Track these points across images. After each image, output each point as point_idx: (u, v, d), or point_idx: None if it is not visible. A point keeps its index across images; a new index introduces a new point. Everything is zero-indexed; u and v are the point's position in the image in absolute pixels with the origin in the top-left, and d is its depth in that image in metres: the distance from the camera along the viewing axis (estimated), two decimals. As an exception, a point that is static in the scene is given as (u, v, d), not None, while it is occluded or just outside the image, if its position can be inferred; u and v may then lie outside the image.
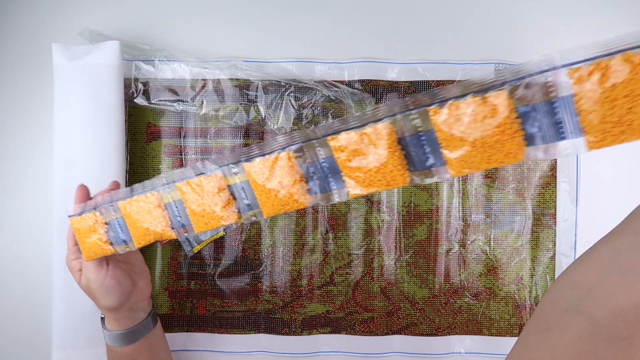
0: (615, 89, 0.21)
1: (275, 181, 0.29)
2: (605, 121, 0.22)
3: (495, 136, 0.24)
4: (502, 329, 0.55)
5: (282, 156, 0.28)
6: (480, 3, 0.55)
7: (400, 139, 0.26)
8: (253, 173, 0.29)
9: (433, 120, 0.25)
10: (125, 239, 0.37)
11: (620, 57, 0.21)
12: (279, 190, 0.29)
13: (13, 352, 0.55)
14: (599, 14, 0.54)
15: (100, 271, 0.40)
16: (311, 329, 0.55)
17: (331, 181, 0.28)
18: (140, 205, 0.35)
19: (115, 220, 0.36)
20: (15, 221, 0.55)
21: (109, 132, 0.50)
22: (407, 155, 0.26)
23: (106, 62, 0.50)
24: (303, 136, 0.28)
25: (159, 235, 0.36)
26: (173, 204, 0.34)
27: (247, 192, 0.30)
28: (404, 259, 0.55)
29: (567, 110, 0.23)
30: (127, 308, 0.43)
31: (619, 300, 0.26)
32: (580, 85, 0.22)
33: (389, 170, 0.27)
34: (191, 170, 0.33)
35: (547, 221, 0.55)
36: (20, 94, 0.55)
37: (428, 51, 0.55)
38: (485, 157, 0.25)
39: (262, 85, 0.54)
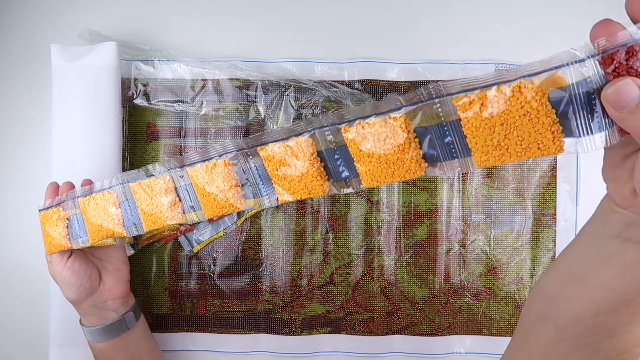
0: (492, 118, 0.24)
1: (214, 185, 0.31)
2: (486, 144, 0.24)
3: (396, 154, 0.26)
4: (502, 329, 0.55)
5: (219, 163, 0.31)
6: (480, 3, 0.55)
7: (319, 152, 0.29)
8: (195, 177, 0.32)
9: (345, 137, 0.27)
10: (81, 234, 0.39)
11: (495, 89, 0.23)
12: (217, 194, 0.31)
13: (10, 351, 0.55)
14: (599, 13, 0.54)
15: (60, 263, 0.42)
16: (311, 329, 0.55)
17: (262, 188, 0.31)
18: (97, 202, 0.37)
19: (74, 216, 0.39)
20: (13, 221, 0.55)
21: (106, 133, 0.50)
22: (325, 167, 0.29)
23: (103, 63, 0.50)
24: (237, 145, 0.31)
25: (111, 233, 0.37)
26: (126, 203, 0.36)
27: (191, 194, 0.33)
28: (404, 259, 0.55)
29: (456, 133, 0.25)
30: (91, 304, 0.44)
31: (577, 309, 0.27)
32: (465, 112, 0.24)
33: (309, 181, 0.29)
34: (143, 172, 0.35)
35: (547, 221, 0.55)
36: (18, 94, 0.55)
37: (428, 51, 0.55)
38: (390, 173, 0.27)
39: (262, 85, 0.54)
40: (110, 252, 0.46)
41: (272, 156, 0.29)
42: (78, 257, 0.43)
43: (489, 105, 0.24)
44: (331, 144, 0.28)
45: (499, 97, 0.23)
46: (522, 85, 0.23)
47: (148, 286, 0.55)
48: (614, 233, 0.26)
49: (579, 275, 0.28)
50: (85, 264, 0.43)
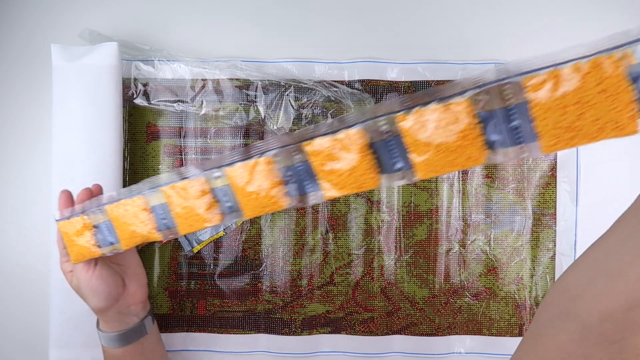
0: (566, 97, 0.23)
1: (255, 185, 0.30)
2: (557, 127, 0.24)
3: (458, 141, 0.26)
4: (502, 329, 0.55)
5: (260, 161, 0.30)
6: (480, 3, 0.55)
7: (370, 143, 0.28)
8: (234, 177, 0.31)
9: (400, 127, 0.26)
10: (112, 241, 0.38)
11: (570, 67, 0.23)
12: (259, 193, 0.31)
13: (10, 352, 0.55)
14: (599, 13, 0.54)
15: (87, 272, 0.41)
16: (311, 329, 0.55)
17: (307, 184, 0.30)
18: (127, 208, 0.36)
19: (102, 223, 0.38)
20: (13, 221, 0.55)
21: (107, 133, 0.50)
22: (377, 159, 0.28)
23: (104, 63, 0.50)
24: (280, 142, 0.30)
25: (145, 237, 0.37)
26: (159, 207, 0.35)
27: (229, 195, 0.32)
28: (404, 259, 0.55)
29: (523, 117, 0.24)
30: (116, 311, 0.43)
31: (607, 303, 0.27)
32: (535, 93, 0.24)
33: (360, 174, 0.28)
34: (176, 175, 0.34)
35: (547, 221, 0.55)
36: (18, 94, 0.55)
37: (428, 51, 0.55)
38: (449, 161, 0.26)
39: (262, 85, 0.54)
40: (127, 257, 0.45)
41: (319, 151, 0.28)
42: (104, 264, 0.42)
43: (563, 84, 0.23)
44: (385, 135, 0.27)
45: (573, 75, 0.22)
46: (601, 60, 0.22)
47: (148, 286, 0.55)
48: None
49: (613, 269, 0.27)
50: (111, 271, 0.43)
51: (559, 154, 0.54)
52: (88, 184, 0.43)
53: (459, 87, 0.25)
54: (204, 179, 0.33)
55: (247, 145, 0.55)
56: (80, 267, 0.41)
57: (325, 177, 0.29)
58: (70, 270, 0.42)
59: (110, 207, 0.37)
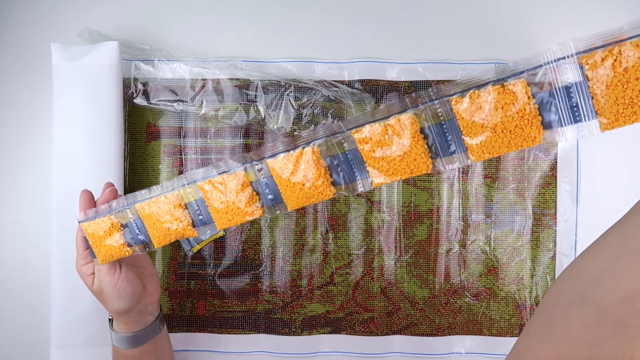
0: (627, 73, 0.23)
1: (300, 175, 0.30)
2: (617, 103, 0.24)
3: (515, 121, 0.26)
4: (503, 329, 0.55)
5: (306, 151, 0.30)
6: (480, 3, 0.55)
7: (422, 128, 0.28)
8: (277, 169, 0.31)
9: (455, 109, 0.27)
10: (144, 239, 0.38)
11: (631, 43, 0.23)
12: (304, 184, 0.31)
13: (11, 352, 0.55)
14: (598, 13, 0.54)
15: (113, 274, 0.40)
16: (311, 329, 0.55)
17: (355, 172, 0.30)
18: (159, 206, 0.36)
19: (133, 222, 0.37)
20: (14, 221, 0.55)
21: (107, 132, 0.50)
22: (429, 143, 0.28)
23: (105, 62, 0.50)
24: (328, 131, 0.30)
25: (180, 234, 0.36)
26: (194, 203, 0.35)
27: (271, 187, 0.32)
28: (404, 259, 0.55)
29: (582, 94, 0.25)
30: (137, 311, 0.43)
31: (627, 285, 0.26)
32: (594, 71, 0.24)
33: (412, 159, 0.29)
34: (213, 170, 0.34)
35: (548, 221, 0.55)
36: (19, 94, 0.55)
37: (428, 51, 0.55)
38: (505, 142, 0.27)
39: (262, 85, 0.54)
40: (140, 258, 0.45)
41: (369, 137, 0.29)
42: (127, 266, 0.42)
43: (623, 60, 0.23)
44: (440, 118, 0.27)
45: (634, 51, 0.23)
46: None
47: (148, 286, 0.55)
48: None
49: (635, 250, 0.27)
50: (134, 272, 0.43)
51: (559, 154, 0.54)
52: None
53: (515, 68, 0.26)
54: (243, 172, 0.32)
55: (247, 145, 0.55)
56: (106, 269, 0.40)
57: (375, 164, 0.29)
58: (90, 273, 0.41)
59: (141, 205, 0.36)
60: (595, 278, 0.28)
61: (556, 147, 0.54)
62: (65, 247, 0.49)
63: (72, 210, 0.41)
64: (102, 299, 0.42)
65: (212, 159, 0.55)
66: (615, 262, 0.27)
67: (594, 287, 0.28)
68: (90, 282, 0.41)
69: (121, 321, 0.43)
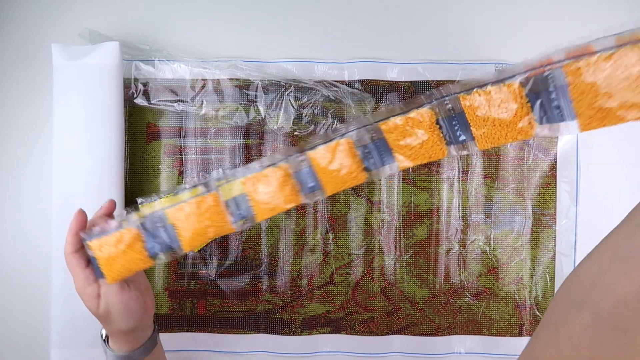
0: (596, 84, 0.27)
1: (337, 163, 0.34)
2: (591, 108, 0.28)
3: (510, 117, 0.30)
4: (502, 329, 0.55)
5: (342, 142, 0.34)
6: (481, 3, 0.55)
7: (437, 120, 0.32)
8: (317, 158, 0.35)
9: (463, 105, 0.31)
10: (171, 245, 0.36)
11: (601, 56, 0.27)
12: (340, 170, 0.35)
13: (11, 352, 0.55)
14: (598, 13, 0.54)
15: (123, 293, 0.38)
16: (311, 329, 0.55)
17: (384, 158, 0.34)
18: (197, 207, 0.36)
19: (160, 229, 0.36)
20: (14, 221, 0.55)
21: (108, 132, 0.50)
22: (443, 133, 0.33)
23: (106, 62, 0.50)
24: (358, 123, 0.34)
25: (220, 232, 0.36)
26: (232, 201, 0.36)
27: (311, 176, 0.35)
28: (404, 259, 0.55)
29: (564, 98, 0.28)
30: (141, 328, 0.41)
31: (622, 290, 0.27)
32: (573, 77, 0.28)
33: (430, 146, 0.33)
34: (257, 165, 0.36)
35: (547, 221, 0.55)
36: (19, 94, 0.55)
37: (428, 51, 0.55)
38: (503, 134, 0.31)
39: (262, 85, 0.54)
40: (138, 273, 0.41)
41: (394, 128, 0.33)
42: (132, 282, 0.39)
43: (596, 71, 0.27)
44: (450, 112, 0.32)
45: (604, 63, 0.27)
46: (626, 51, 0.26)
47: (148, 286, 0.55)
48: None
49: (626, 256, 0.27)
50: (138, 290, 0.40)
51: (559, 154, 0.54)
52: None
53: (511, 72, 0.30)
54: (286, 164, 0.35)
55: (247, 145, 0.55)
56: (117, 289, 0.37)
57: (400, 151, 0.34)
58: (96, 295, 0.37)
59: (172, 211, 0.35)
60: (592, 283, 0.29)
61: (556, 147, 0.54)
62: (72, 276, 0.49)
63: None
64: (108, 320, 0.38)
65: (212, 159, 0.55)
66: (610, 267, 0.28)
67: (591, 292, 0.29)
68: (96, 306, 0.37)
69: (123, 340, 0.40)
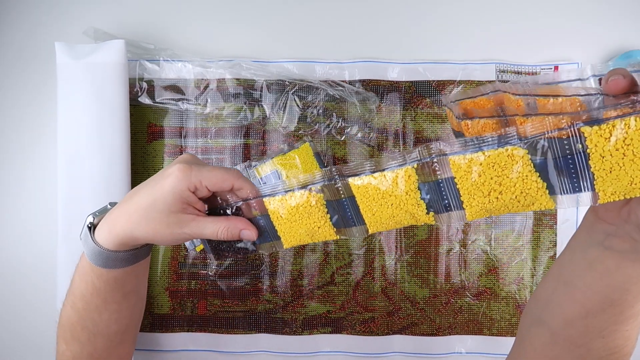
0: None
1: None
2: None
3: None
4: (503, 329, 0.55)
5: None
6: (481, 3, 0.55)
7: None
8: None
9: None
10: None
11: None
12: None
13: (17, 352, 0.55)
14: (598, 13, 0.55)
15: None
16: (312, 328, 0.55)
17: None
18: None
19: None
20: (20, 221, 0.55)
21: (113, 131, 0.50)
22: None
23: (111, 60, 0.50)
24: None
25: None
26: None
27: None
28: (405, 258, 0.55)
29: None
30: None
31: (568, 310, 0.29)
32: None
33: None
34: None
35: (548, 221, 0.55)
36: (23, 93, 0.55)
37: (428, 51, 0.55)
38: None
39: (267, 84, 0.54)
40: None
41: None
42: None
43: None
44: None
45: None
46: None
47: (148, 286, 0.55)
48: (596, 241, 0.28)
49: (568, 280, 0.30)
50: None
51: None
52: (95, 184, 0.41)
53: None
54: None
55: (247, 145, 0.55)
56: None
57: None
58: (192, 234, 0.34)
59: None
60: (545, 303, 0.32)
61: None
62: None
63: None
64: (163, 233, 0.34)
65: (212, 159, 0.55)
66: (556, 289, 0.31)
67: (545, 311, 0.31)
68: (184, 238, 0.34)
69: (131, 244, 0.36)
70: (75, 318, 0.38)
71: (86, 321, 0.38)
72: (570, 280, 0.29)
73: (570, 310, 0.29)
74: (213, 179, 0.33)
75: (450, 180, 0.29)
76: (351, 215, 0.33)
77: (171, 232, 0.33)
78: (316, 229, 0.34)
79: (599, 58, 0.54)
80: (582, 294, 0.29)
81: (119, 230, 0.34)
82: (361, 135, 0.54)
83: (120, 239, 0.34)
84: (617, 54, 0.53)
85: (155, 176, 0.35)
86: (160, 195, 0.33)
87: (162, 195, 0.33)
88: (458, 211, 0.29)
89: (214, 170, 0.34)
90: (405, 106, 0.55)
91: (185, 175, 0.33)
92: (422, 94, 0.55)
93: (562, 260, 0.31)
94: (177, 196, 0.33)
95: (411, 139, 0.55)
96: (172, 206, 0.33)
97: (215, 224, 0.34)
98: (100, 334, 0.39)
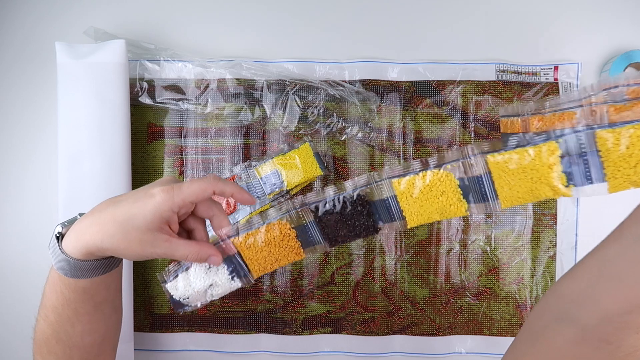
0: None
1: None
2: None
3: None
4: (503, 329, 0.55)
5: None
6: (481, 3, 0.55)
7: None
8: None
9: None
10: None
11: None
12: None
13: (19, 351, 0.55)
14: (598, 13, 0.55)
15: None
16: (312, 328, 0.55)
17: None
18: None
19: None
20: (20, 220, 0.55)
21: (114, 131, 0.50)
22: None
23: (112, 60, 0.50)
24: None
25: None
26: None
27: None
28: (405, 258, 0.55)
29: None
30: None
31: (607, 307, 0.28)
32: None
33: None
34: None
35: (548, 221, 0.55)
36: (23, 92, 0.55)
37: (428, 51, 0.55)
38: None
39: (267, 84, 0.54)
40: None
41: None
42: None
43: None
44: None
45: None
46: None
47: (148, 286, 0.55)
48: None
49: (614, 275, 0.29)
50: None
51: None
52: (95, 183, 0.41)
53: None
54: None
55: (247, 145, 0.55)
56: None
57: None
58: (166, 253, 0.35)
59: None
60: (577, 299, 0.30)
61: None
62: None
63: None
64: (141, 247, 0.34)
65: (212, 159, 0.55)
66: (596, 284, 0.30)
67: (576, 307, 0.30)
68: (139, 250, 0.34)
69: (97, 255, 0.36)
70: (49, 331, 0.39)
71: (60, 333, 0.39)
72: (617, 276, 0.29)
73: (611, 306, 0.28)
74: (194, 194, 0.35)
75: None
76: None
77: (142, 249, 0.34)
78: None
79: (599, 58, 0.54)
80: (630, 289, 0.28)
81: (87, 239, 0.35)
82: (361, 135, 0.54)
83: (87, 248, 0.35)
84: (617, 54, 0.53)
85: (136, 192, 0.36)
86: (141, 212, 0.34)
87: (142, 212, 0.34)
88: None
89: (193, 184, 0.35)
90: (405, 106, 0.55)
91: (169, 196, 0.34)
92: (422, 94, 0.55)
93: (605, 255, 0.30)
94: (158, 215, 0.34)
95: (411, 139, 0.55)
96: (150, 224, 0.34)
97: (187, 247, 0.35)
98: (76, 346, 0.39)
